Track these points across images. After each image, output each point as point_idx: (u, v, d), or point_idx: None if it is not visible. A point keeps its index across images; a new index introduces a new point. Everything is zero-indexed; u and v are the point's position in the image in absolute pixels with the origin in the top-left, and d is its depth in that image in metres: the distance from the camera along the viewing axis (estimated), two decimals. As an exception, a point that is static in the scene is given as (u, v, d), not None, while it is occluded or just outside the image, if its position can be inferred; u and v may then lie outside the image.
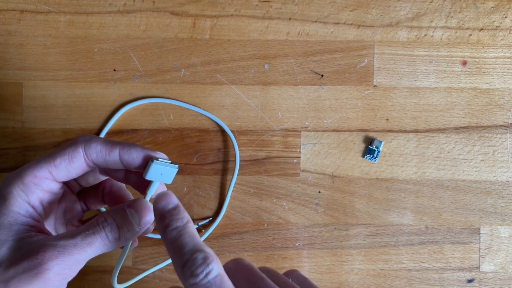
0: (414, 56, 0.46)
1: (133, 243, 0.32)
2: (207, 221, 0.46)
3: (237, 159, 0.45)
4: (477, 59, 0.46)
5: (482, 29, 0.46)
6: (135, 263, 0.46)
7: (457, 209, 0.46)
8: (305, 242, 0.46)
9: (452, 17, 0.46)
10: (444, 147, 0.46)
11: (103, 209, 0.43)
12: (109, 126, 0.45)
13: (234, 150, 0.45)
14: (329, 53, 0.46)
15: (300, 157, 0.46)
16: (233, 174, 0.45)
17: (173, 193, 0.29)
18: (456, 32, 0.46)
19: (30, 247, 0.27)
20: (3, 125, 0.45)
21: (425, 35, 0.46)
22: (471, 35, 0.46)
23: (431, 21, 0.46)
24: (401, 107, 0.46)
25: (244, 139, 0.46)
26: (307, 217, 0.46)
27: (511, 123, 0.46)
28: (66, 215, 0.34)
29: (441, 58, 0.46)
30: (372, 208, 0.46)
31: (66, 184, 0.33)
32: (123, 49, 0.45)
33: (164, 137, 0.46)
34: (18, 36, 0.45)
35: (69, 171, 0.30)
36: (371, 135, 0.46)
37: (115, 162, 0.30)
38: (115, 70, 0.45)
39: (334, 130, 0.46)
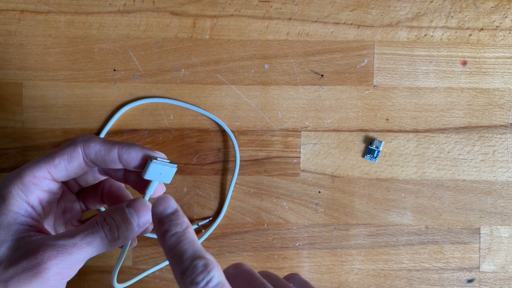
0: (414, 56, 0.46)
1: (132, 242, 0.32)
2: (207, 221, 0.46)
3: (237, 159, 0.45)
4: (477, 59, 0.46)
5: (482, 29, 0.46)
6: (135, 263, 0.46)
7: (457, 209, 0.46)
8: (305, 242, 0.46)
9: (452, 17, 0.46)
10: (444, 147, 0.46)
11: (103, 208, 0.43)
12: (109, 126, 0.45)
13: (234, 150, 0.45)
14: (329, 53, 0.46)
15: (300, 157, 0.46)
16: (233, 174, 0.45)
17: (174, 193, 0.29)
18: (456, 32, 0.46)
19: (29, 247, 0.27)
20: (3, 125, 0.45)
21: (425, 35, 0.46)
22: (471, 35, 0.46)
23: (431, 21, 0.46)
24: (401, 107, 0.46)
25: (244, 139, 0.46)
26: (307, 217, 0.46)
27: (511, 123, 0.46)
28: (65, 215, 0.34)
29: (441, 58, 0.46)
30: (372, 208, 0.46)
31: (65, 184, 0.33)
32: (123, 49, 0.45)
33: (164, 137, 0.46)
34: (18, 36, 0.45)
35: (68, 170, 0.30)
36: (371, 135, 0.46)
37: (114, 161, 0.30)
38: (115, 70, 0.45)
39: (334, 130, 0.46)
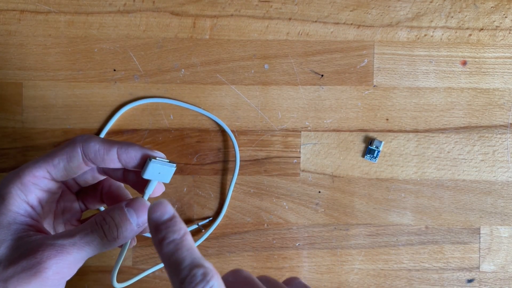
0: (414, 56, 0.46)
1: (131, 242, 0.32)
2: (207, 221, 0.46)
3: (237, 159, 0.45)
4: (477, 59, 0.46)
5: (482, 29, 0.46)
6: (135, 263, 0.46)
7: (457, 209, 0.46)
8: (305, 242, 0.46)
9: (452, 17, 0.46)
10: (444, 147, 0.46)
11: (102, 208, 0.43)
12: (109, 126, 0.45)
13: (234, 150, 0.45)
14: (329, 53, 0.46)
15: (300, 157, 0.46)
16: (233, 174, 0.45)
17: (174, 193, 0.29)
18: (456, 32, 0.46)
19: (29, 246, 0.27)
20: (3, 125, 0.45)
21: (425, 35, 0.46)
22: (471, 35, 0.46)
23: (431, 21, 0.46)
24: (401, 107, 0.46)
25: (244, 139, 0.46)
26: (307, 217, 0.46)
27: (511, 123, 0.46)
28: (64, 214, 0.34)
29: (441, 58, 0.46)
30: (372, 208, 0.46)
31: (64, 183, 0.33)
32: (123, 49, 0.45)
33: (164, 137, 0.46)
34: (18, 36, 0.45)
35: (68, 170, 0.30)
36: (371, 135, 0.46)
37: (113, 161, 0.30)
38: (115, 70, 0.45)
39: (334, 130, 0.46)
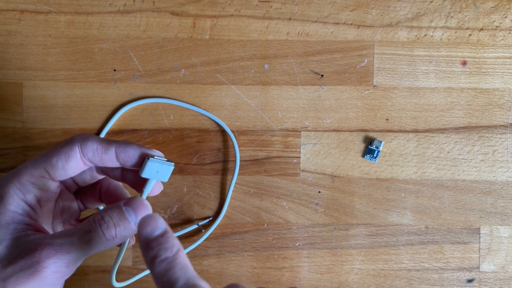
0: (414, 56, 0.46)
1: (130, 241, 0.32)
2: (207, 221, 0.46)
3: (237, 159, 0.45)
4: (477, 59, 0.46)
5: (482, 29, 0.46)
6: (135, 263, 0.46)
7: (457, 209, 0.46)
8: (305, 242, 0.46)
9: (452, 17, 0.46)
10: (444, 147, 0.46)
11: (101, 207, 0.43)
12: (109, 126, 0.45)
13: (234, 150, 0.45)
14: (329, 53, 0.46)
15: (300, 157, 0.46)
16: (233, 174, 0.45)
17: (174, 193, 0.29)
18: (456, 32, 0.46)
19: (27, 246, 0.27)
20: (3, 125, 0.45)
21: (425, 35, 0.46)
22: (471, 35, 0.46)
23: (431, 21, 0.46)
24: (401, 107, 0.46)
25: (244, 139, 0.46)
26: (307, 217, 0.46)
27: (511, 123, 0.46)
28: (63, 214, 0.34)
29: (441, 58, 0.46)
30: (372, 208, 0.46)
31: (63, 183, 0.33)
32: (123, 49, 0.45)
33: (164, 137, 0.46)
34: (18, 36, 0.45)
35: (66, 170, 0.30)
36: (371, 135, 0.46)
37: (111, 160, 0.30)
38: (115, 70, 0.45)
39: (334, 130, 0.46)
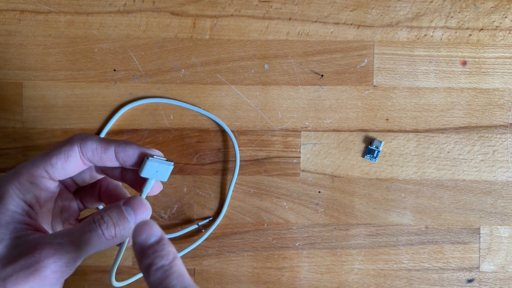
0: (414, 56, 0.46)
1: (130, 241, 0.32)
2: (207, 221, 0.46)
3: (237, 159, 0.45)
4: (477, 59, 0.46)
5: (482, 29, 0.46)
6: (134, 263, 0.46)
7: (457, 209, 0.46)
8: (305, 242, 0.46)
9: (452, 17, 0.46)
10: (444, 147, 0.46)
11: (101, 207, 0.43)
12: (109, 126, 0.45)
13: (234, 150, 0.45)
14: (329, 53, 0.46)
15: (300, 157, 0.46)
16: (233, 174, 0.45)
17: (174, 193, 0.28)
18: (456, 32, 0.46)
19: (27, 245, 0.27)
20: (3, 125, 0.45)
21: (425, 35, 0.46)
22: (471, 35, 0.46)
23: (431, 21, 0.46)
24: (401, 107, 0.46)
25: (244, 139, 0.46)
26: (307, 217, 0.46)
27: (511, 123, 0.46)
28: (63, 214, 0.34)
29: (441, 58, 0.46)
30: (372, 208, 0.46)
31: (62, 182, 0.33)
32: (123, 49, 0.45)
33: (164, 137, 0.46)
34: (18, 36, 0.45)
35: (65, 169, 0.30)
36: (371, 135, 0.46)
37: (111, 160, 0.30)
38: (115, 70, 0.45)
39: (334, 130, 0.46)
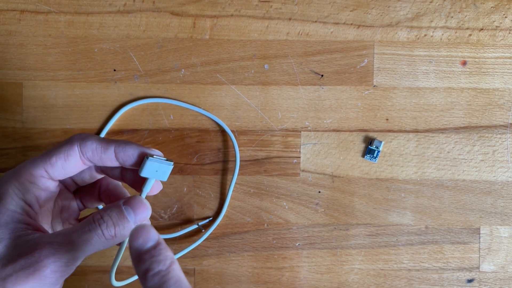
0: (414, 56, 0.46)
1: None
2: (207, 221, 0.46)
3: (237, 159, 0.45)
4: (477, 59, 0.46)
5: (482, 29, 0.46)
6: (135, 263, 0.46)
7: (457, 209, 0.46)
8: (305, 242, 0.46)
9: (452, 17, 0.46)
10: (444, 147, 0.46)
11: (100, 207, 0.43)
12: (109, 126, 0.45)
13: (234, 150, 0.45)
14: (329, 53, 0.46)
15: (300, 157, 0.46)
16: (233, 174, 0.45)
17: (174, 193, 0.28)
18: (456, 32, 0.46)
19: (27, 245, 0.27)
20: (3, 125, 0.45)
21: (425, 35, 0.46)
22: (471, 35, 0.46)
23: (431, 21, 0.46)
24: (401, 107, 0.46)
25: (244, 139, 0.46)
26: (307, 217, 0.46)
27: (511, 123, 0.46)
28: (62, 213, 0.34)
29: (441, 58, 0.46)
30: (372, 208, 0.46)
31: (62, 182, 0.33)
32: (123, 49, 0.45)
33: (164, 137, 0.46)
34: (18, 36, 0.45)
35: (65, 169, 0.30)
36: (371, 135, 0.46)
37: (110, 159, 0.30)
38: (115, 70, 0.45)
39: (334, 130, 0.46)
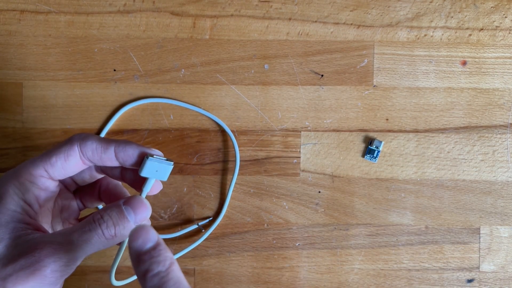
0: (414, 56, 0.46)
1: None
2: (207, 221, 0.46)
3: (237, 159, 0.45)
4: (477, 59, 0.46)
5: (482, 29, 0.46)
6: (135, 263, 0.46)
7: (457, 209, 0.46)
8: (305, 242, 0.46)
9: (452, 17, 0.46)
10: (444, 147, 0.46)
11: (100, 206, 0.43)
12: (109, 126, 0.45)
13: (234, 150, 0.45)
14: (329, 53, 0.46)
15: (300, 157, 0.46)
16: (233, 174, 0.45)
17: (174, 193, 0.28)
18: (456, 32, 0.46)
19: (27, 245, 0.27)
20: (3, 125, 0.45)
21: (425, 35, 0.46)
22: (471, 35, 0.46)
23: (431, 21, 0.46)
24: (401, 107, 0.46)
25: (244, 139, 0.46)
26: (307, 217, 0.46)
27: (511, 123, 0.46)
28: (62, 213, 0.34)
29: (441, 58, 0.46)
30: (372, 208, 0.46)
31: (62, 182, 0.33)
32: (123, 49, 0.45)
33: (164, 137, 0.46)
34: (18, 36, 0.45)
35: (65, 169, 0.30)
36: (371, 135, 0.46)
37: (110, 159, 0.30)
38: (115, 70, 0.45)
39: (334, 130, 0.46)
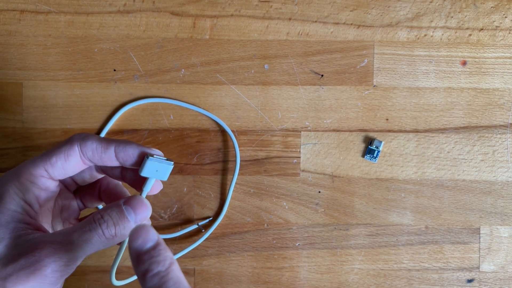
0: (414, 56, 0.46)
1: None
2: (207, 221, 0.46)
3: (237, 159, 0.45)
4: (477, 59, 0.46)
5: (482, 29, 0.46)
6: (135, 263, 0.46)
7: (457, 209, 0.46)
8: (305, 242, 0.46)
9: (452, 17, 0.46)
10: (444, 147, 0.46)
11: (100, 206, 0.43)
12: (109, 126, 0.45)
13: (234, 150, 0.45)
14: (329, 53, 0.46)
15: (300, 157, 0.46)
16: (233, 174, 0.45)
17: (174, 193, 0.28)
18: (456, 32, 0.46)
19: (27, 245, 0.27)
20: (3, 125, 0.45)
21: (425, 35, 0.46)
22: (471, 35, 0.46)
23: (431, 21, 0.46)
24: (401, 107, 0.46)
25: (244, 139, 0.46)
26: (307, 217, 0.46)
27: (511, 123, 0.46)
28: (63, 213, 0.34)
29: (441, 58, 0.46)
30: (372, 208, 0.46)
31: (62, 182, 0.33)
32: (123, 49, 0.45)
33: (164, 137, 0.46)
34: (18, 36, 0.45)
35: (65, 169, 0.30)
36: (371, 135, 0.46)
37: (111, 159, 0.30)
38: (115, 70, 0.45)
39: (334, 130, 0.46)
